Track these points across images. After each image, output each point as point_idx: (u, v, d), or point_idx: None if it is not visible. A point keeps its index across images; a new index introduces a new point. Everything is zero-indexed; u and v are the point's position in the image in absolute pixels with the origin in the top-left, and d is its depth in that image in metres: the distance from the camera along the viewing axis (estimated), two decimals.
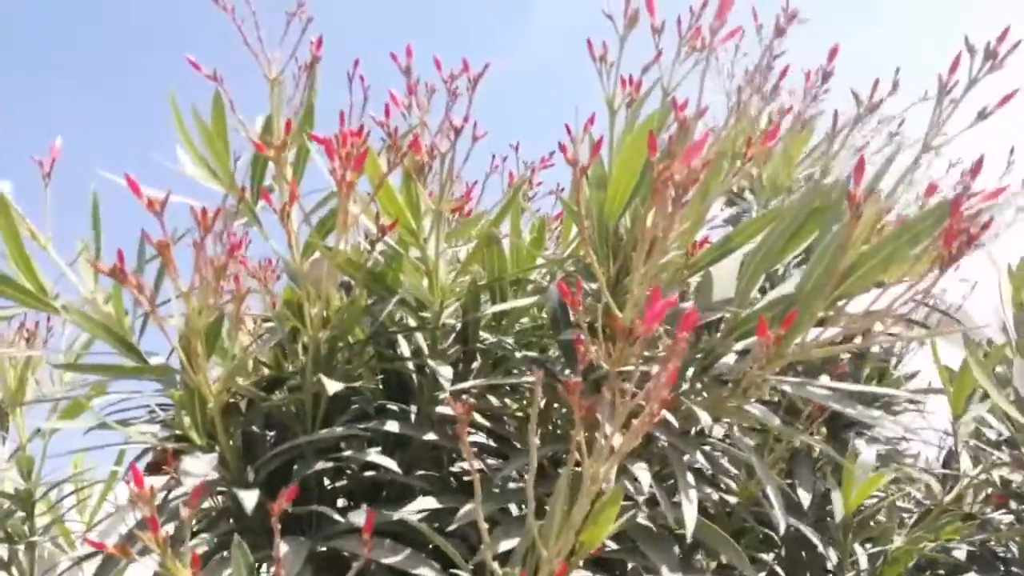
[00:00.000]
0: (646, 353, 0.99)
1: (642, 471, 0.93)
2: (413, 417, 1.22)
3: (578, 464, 0.82)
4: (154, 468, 1.21)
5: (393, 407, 1.23)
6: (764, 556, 1.33)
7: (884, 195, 1.03)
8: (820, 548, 1.30)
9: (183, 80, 1.17)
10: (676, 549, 0.93)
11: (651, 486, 0.95)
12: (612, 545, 1.06)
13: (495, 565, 0.88)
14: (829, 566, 1.35)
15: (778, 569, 1.28)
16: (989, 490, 1.48)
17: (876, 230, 0.93)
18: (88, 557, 1.44)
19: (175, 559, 0.79)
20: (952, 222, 0.77)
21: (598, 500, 0.83)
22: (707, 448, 1.08)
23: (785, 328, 0.85)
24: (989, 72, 0.94)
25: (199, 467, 0.93)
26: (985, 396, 1.52)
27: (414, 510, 1.01)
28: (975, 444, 1.52)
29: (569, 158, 0.83)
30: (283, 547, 1.00)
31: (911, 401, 1.66)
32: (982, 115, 0.97)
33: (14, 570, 1.61)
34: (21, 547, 1.56)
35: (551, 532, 0.84)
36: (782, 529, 0.89)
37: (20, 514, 1.55)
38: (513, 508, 1.12)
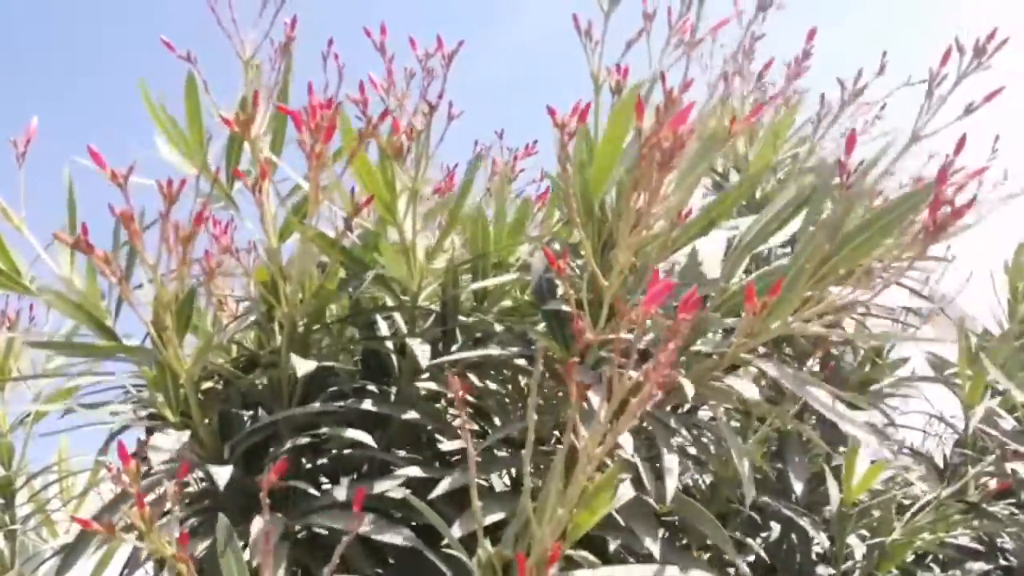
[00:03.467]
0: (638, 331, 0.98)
1: (626, 438, 0.92)
2: (393, 397, 1.21)
3: (568, 443, 0.81)
4: (136, 455, 1.20)
5: (372, 387, 1.22)
6: (750, 540, 1.31)
7: (871, 182, 1.02)
8: (811, 533, 1.29)
9: (159, 62, 1.16)
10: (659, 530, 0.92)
11: (633, 456, 0.94)
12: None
13: (487, 542, 0.87)
14: (820, 551, 1.33)
15: (764, 556, 1.26)
16: (993, 481, 1.47)
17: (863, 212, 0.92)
18: (70, 547, 1.43)
19: (161, 537, 0.78)
20: (937, 193, 0.76)
21: (592, 480, 0.82)
22: (691, 425, 1.07)
23: (772, 296, 0.84)
24: (976, 70, 0.94)
25: (168, 443, 0.92)
26: (994, 392, 1.51)
27: (396, 482, 1.00)
28: (986, 433, 1.50)
29: (558, 121, 0.82)
30: (259, 522, 1.00)
31: (898, 384, 1.65)
32: (968, 110, 0.97)
33: None
34: (1, 536, 1.55)
35: (544, 512, 0.83)
36: (748, 501, 0.88)
37: (0, 502, 1.54)
38: (496, 484, 1.11)
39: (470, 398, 1.21)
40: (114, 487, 1.48)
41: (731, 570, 1.26)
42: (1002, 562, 1.45)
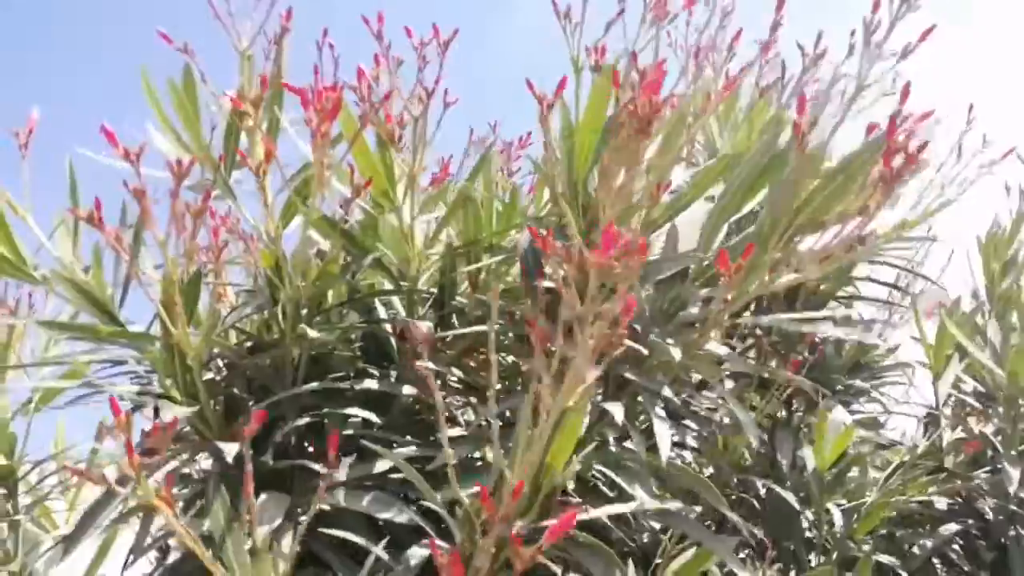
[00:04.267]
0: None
1: (616, 407, 0.97)
2: (393, 380, 1.24)
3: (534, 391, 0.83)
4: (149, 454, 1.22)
5: (373, 371, 1.25)
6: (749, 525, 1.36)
7: (826, 136, 1.08)
8: (798, 510, 1.34)
9: (154, 53, 1.19)
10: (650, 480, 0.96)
11: (623, 423, 0.98)
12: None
13: (463, 495, 0.88)
14: (809, 531, 1.38)
15: (757, 532, 1.31)
16: (970, 447, 1.53)
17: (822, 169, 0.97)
18: (72, 536, 1.44)
19: (147, 485, 0.79)
20: (889, 141, 0.81)
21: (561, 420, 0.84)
22: (679, 391, 1.11)
23: (744, 259, 0.89)
24: (907, 11, 1.00)
25: (180, 411, 0.94)
26: (961, 358, 1.58)
27: (398, 456, 1.03)
28: (956, 398, 1.57)
29: (537, 94, 0.86)
30: (263, 500, 1.02)
31: (889, 370, 1.70)
32: (905, 52, 1.03)
33: None
34: (4, 525, 1.55)
35: (516, 456, 0.84)
36: (754, 441, 0.92)
37: (2, 491, 1.54)
38: (490, 457, 1.14)
39: (464, 376, 1.24)
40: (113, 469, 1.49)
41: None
42: (978, 523, 1.51)
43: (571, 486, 1.03)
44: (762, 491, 1.44)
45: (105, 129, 0.85)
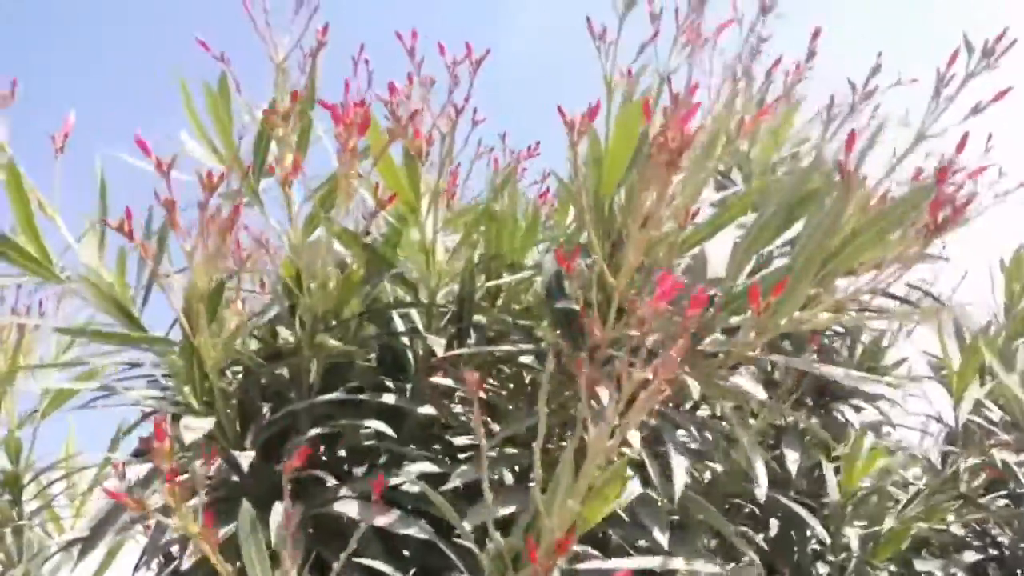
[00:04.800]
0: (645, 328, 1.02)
1: (633, 435, 0.96)
2: (408, 393, 1.24)
3: (577, 437, 0.84)
4: (142, 454, 1.22)
5: (388, 383, 1.25)
6: (749, 532, 1.34)
7: (874, 182, 1.07)
8: (811, 526, 1.32)
9: (186, 61, 1.20)
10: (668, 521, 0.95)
11: (640, 454, 0.97)
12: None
13: (497, 534, 0.89)
14: (817, 547, 1.36)
15: (764, 546, 1.29)
16: (983, 474, 1.51)
17: (864, 210, 0.96)
18: (76, 542, 1.44)
19: (187, 515, 0.80)
20: (938, 193, 0.80)
21: (601, 473, 0.85)
22: (693, 421, 1.10)
23: (775, 296, 0.88)
24: (985, 70, 0.98)
25: (199, 424, 0.95)
26: (982, 382, 1.56)
27: (412, 474, 1.03)
28: (977, 424, 1.54)
29: (568, 120, 0.86)
30: (280, 509, 1.02)
31: (896, 385, 1.68)
32: (976, 110, 1.01)
33: (1, 554, 1.60)
34: (8, 531, 1.56)
35: (553, 504, 0.86)
36: (762, 493, 0.91)
37: (7, 498, 1.55)
38: (508, 477, 1.14)
39: (482, 395, 1.24)
40: (119, 482, 1.50)
41: (732, 564, 1.28)
42: (994, 552, 1.49)
43: None
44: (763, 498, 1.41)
45: (139, 139, 0.86)
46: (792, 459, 1.28)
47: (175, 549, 1.23)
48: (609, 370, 1.01)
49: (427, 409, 1.14)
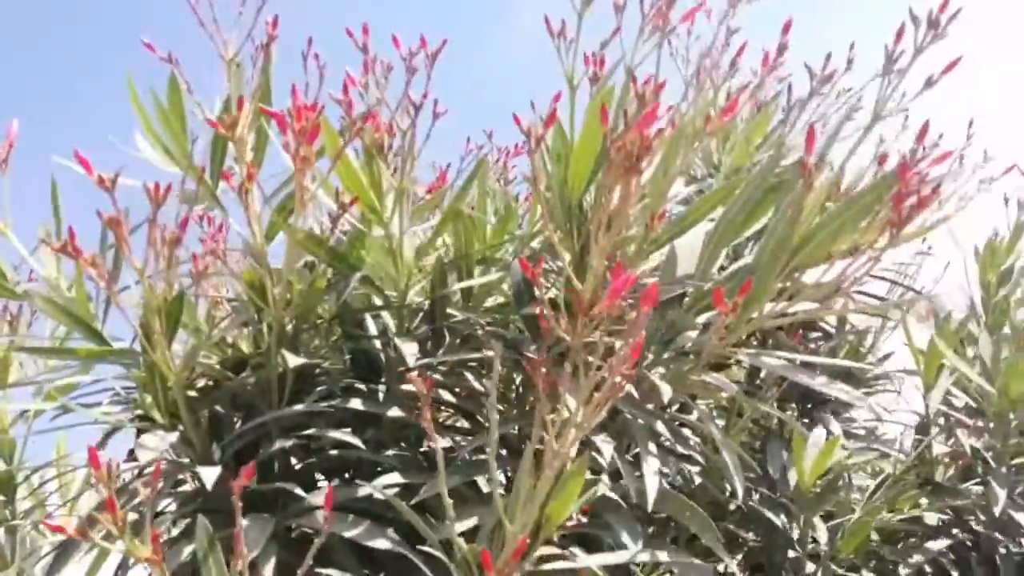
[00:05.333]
0: (609, 327, 1.00)
1: (605, 444, 0.94)
2: (381, 396, 1.22)
3: (542, 439, 0.82)
4: (133, 456, 1.21)
5: (361, 386, 1.23)
6: (732, 531, 1.34)
7: (835, 166, 1.03)
8: (780, 526, 1.31)
9: (139, 61, 1.15)
10: (639, 525, 0.94)
11: (614, 458, 0.96)
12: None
13: (460, 540, 0.89)
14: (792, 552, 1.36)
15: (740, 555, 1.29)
16: (957, 462, 1.51)
17: (828, 201, 0.93)
18: (69, 543, 1.43)
19: (135, 539, 0.79)
20: (900, 186, 0.77)
21: (562, 474, 0.84)
22: (670, 421, 1.09)
23: (741, 297, 0.85)
24: (932, 41, 0.94)
25: (156, 442, 0.93)
26: (952, 371, 1.54)
27: (380, 485, 1.02)
28: (945, 412, 1.54)
29: (524, 128, 0.82)
30: (246, 524, 1.01)
31: (881, 378, 1.67)
32: (928, 83, 0.98)
33: None
34: (1, 531, 1.56)
35: (516, 507, 0.85)
36: (740, 494, 0.90)
37: (1, 498, 1.55)
38: (483, 485, 1.13)
39: (454, 400, 1.22)
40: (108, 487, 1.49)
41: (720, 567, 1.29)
42: (969, 538, 1.49)
43: None
44: (750, 499, 1.42)
45: (78, 155, 0.82)
46: (774, 460, 1.27)
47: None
48: (571, 371, 0.99)
49: (398, 413, 1.12)
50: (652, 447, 0.96)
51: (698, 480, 1.26)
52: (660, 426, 0.99)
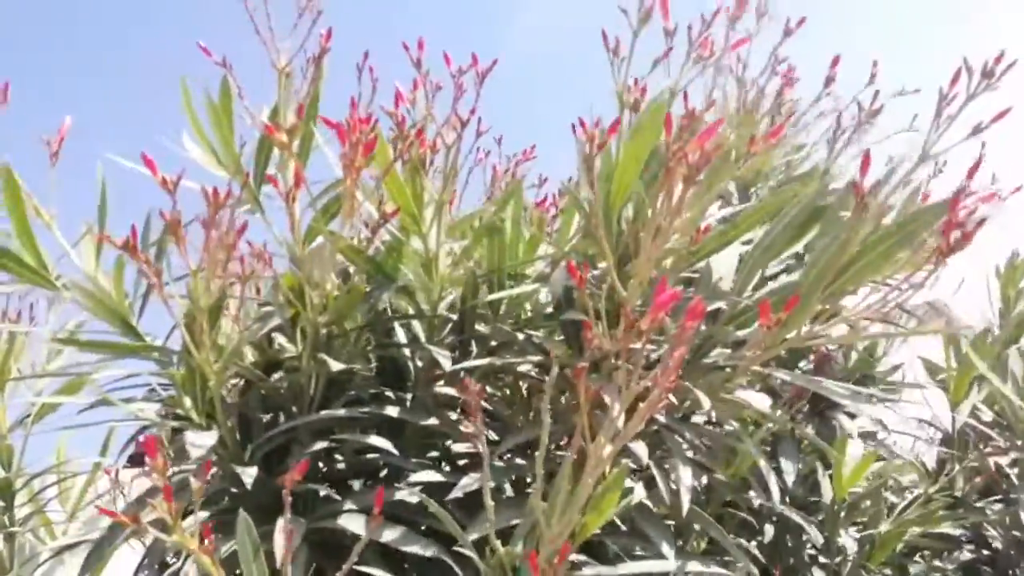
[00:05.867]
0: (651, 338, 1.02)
1: (641, 448, 0.96)
2: (409, 403, 1.23)
3: (581, 447, 0.84)
4: (137, 460, 1.20)
5: (389, 394, 1.24)
6: (744, 540, 1.35)
7: (883, 197, 1.07)
8: (807, 531, 1.32)
9: (189, 66, 1.18)
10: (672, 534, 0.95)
11: (648, 467, 0.97)
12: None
13: (497, 543, 0.89)
14: (812, 552, 1.37)
15: (758, 555, 1.30)
16: (978, 478, 1.53)
17: (874, 228, 0.96)
18: (68, 548, 1.42)
19: (183, 529, 0.79)
20: (951, 216, 0.81)
21: (601, 482, 0.85)
22: (691, 428, 1.10)
23: (786, 312, 0.88)
24: (985, 90, 0.99)
25: (203, 440, 0.93)
26: (980, 387, 1.58)
27: (413, 484, 1.02)
28: (971, 427, 1.56)
29: (584, 134, 0.85)
30: (281, 523, 1.01)
31: (893, 388, 1.69)
32: (977, 129, 1.02)
33: None
34: (0, 537, 1.53)
35: (554, 512, 0.86)
36: (776, 498, 0.91)
37: None
38: (508, 489, 1.13)
39: (485, 405, 1.23)
40: (114, 489, 1.48)
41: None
42: (987, 553, 1.51)
43: None
44: (757, 504, 1.42)
45: (145, 156, 0.84)
46: (788, 467, 1.29)
47: (171, 556, 1.21)
48: (611, 380, 1.00)
49: (429, 420, 1.13)
50: (686, 458, 0.97)
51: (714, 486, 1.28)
52: (692, 434, 1.01)
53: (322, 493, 1.07)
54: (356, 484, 1.21)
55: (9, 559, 1.54)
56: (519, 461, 1.19)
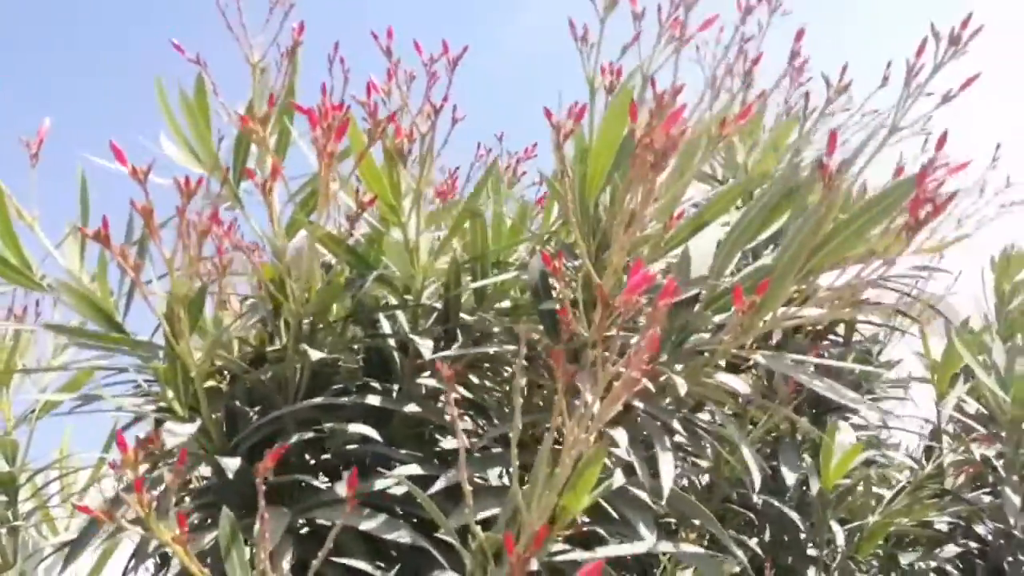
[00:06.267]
0: (626, 324, 1.01)
1: (620, 434, 0.96)
2: (395, 394, 1.23)
3: (559, 430, 0.84)
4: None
5: (375, 384, 1.25)
6: (746, 538, 1.35)
7: (854, 174, 1.06)
8: (801, 528, 1.33)
9: (163, 63, 1.19)
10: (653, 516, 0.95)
11: (628, 451, 0.97)
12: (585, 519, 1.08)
13: (477, 528, 0.90)
14: (812, 552, 1.37)
15: (759, 550, 1.30)
16: (969, 469, 1.52)
17: (845, 206, 0.96)
18: (72, 543, 1.43)
19: (159, 521, 0.80)
20: (918, 191, 0.80)
21: (579, 464, 0.85)
22: (684, 420, 1.10)
23: (759, 294, 0.87)
24: (953, 57, 0.98)
25: (181, 429, 0.94)
26: (966, 379, 1.57)
27: (397, 477, 1.03)
28: (958, 419, 1.56)
29: (554, 122, 0.85)
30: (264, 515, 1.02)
31: (893, 385, 1.69)
32: (946, 98, 1.01)
33: None
34: (3, 532, 1.56)
35: (533, 497, 0.86)
36: (757, 486, 0.91)
37: (3, 499, 1.55)
38: (493, 479, 1.14)
39: (469, 395, 1.24)
40: (116, 482, 1.50)
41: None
42: (977, 545, 1.50)
43: None
44: (758, 503, 1.43)
45: (113, 145, 0.85)
46: (787, 465, 1.29)
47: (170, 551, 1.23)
48: (589, 365, 1.00)
49: (414, 409, 1.14)
50: (667, 442, 0.97)
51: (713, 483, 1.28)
52: (675, 423, 1.01)
53: (311, 484, 1.08)
54: (344, 475, 1.22)
55: (12, 554, 1.57)
56: (502, 451, 1.20)
